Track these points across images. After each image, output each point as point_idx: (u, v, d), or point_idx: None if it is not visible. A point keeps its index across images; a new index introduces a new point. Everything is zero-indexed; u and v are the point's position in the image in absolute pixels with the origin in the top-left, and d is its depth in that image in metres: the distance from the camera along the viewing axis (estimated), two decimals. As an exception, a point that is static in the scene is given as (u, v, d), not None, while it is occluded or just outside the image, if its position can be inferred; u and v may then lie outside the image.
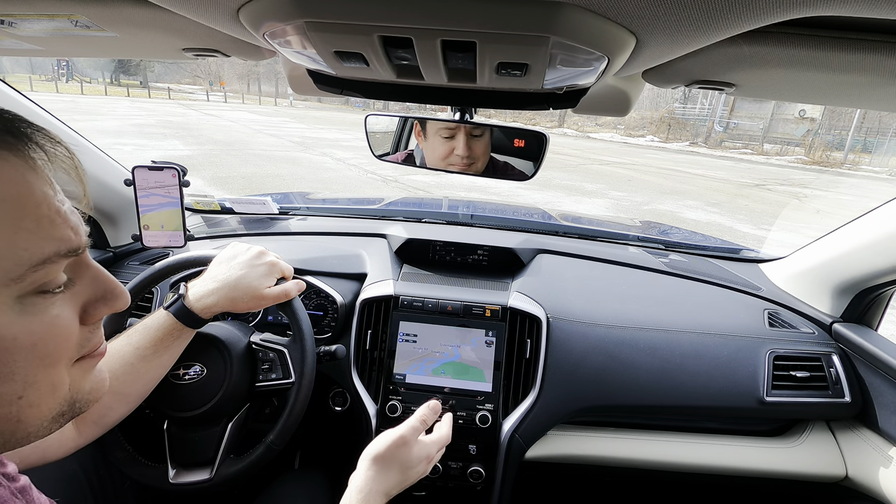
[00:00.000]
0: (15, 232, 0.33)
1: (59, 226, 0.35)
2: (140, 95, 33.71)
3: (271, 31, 0.42)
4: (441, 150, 0.85)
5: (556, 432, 1.05)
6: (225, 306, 0.79)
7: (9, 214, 0.33)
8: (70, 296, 0.38)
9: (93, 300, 0.40)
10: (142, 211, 1.13)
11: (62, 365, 0.38)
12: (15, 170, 0.34)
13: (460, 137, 0.83)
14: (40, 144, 0.36)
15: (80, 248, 0.37)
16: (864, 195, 11.26)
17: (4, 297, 0.33)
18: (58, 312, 0.37)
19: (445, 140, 0.84)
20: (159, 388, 0.78)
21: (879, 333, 1.10)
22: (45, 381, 0.36)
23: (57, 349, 0.37)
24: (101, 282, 0.41)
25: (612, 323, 1.08)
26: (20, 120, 0.36)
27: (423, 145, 0.89)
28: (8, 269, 0.33)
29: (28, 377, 0.35)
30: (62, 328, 0.37)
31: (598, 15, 0.35)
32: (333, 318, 1.08)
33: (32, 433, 0.37)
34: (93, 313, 0.40)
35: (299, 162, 10.08)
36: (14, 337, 0.34)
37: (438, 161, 0.87)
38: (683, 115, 27.23)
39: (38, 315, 0.35)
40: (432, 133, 0.87)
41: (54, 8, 0.51)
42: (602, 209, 7.80)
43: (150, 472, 0.81)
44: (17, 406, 0.35)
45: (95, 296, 0.40)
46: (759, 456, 1.07)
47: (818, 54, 0.46)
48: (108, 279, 0.42)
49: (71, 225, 0.37)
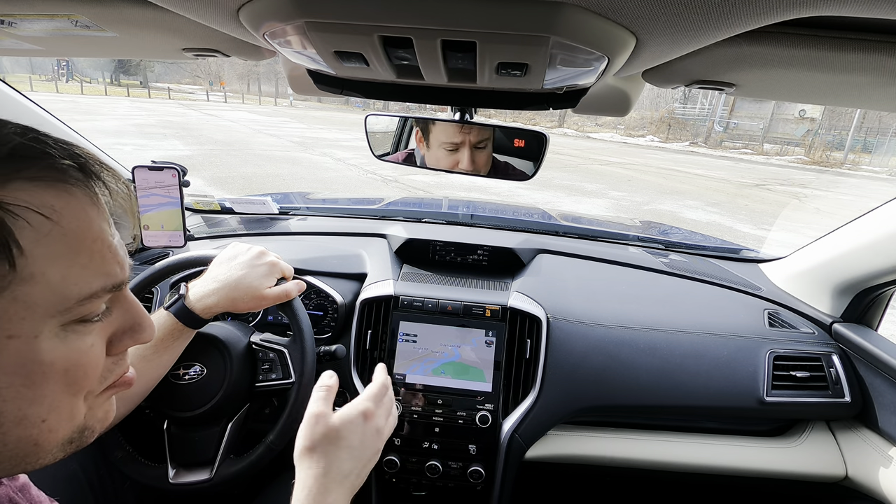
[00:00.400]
0: (69, 266, 0.34)
1: (108, 261, 0.37)
2: (140, 95, 33.72)
3: (271, 31, 0.42)
4: (445, 162, 0.84)
5: (556, 432, 1.05)
6: (225, 306, 0.79)
7: (67, 248, 0.34)
8: (104, 325, 0.39)
9: (120, 331, 0.41)
10: (142, 211, 1.13)
11: (83, 393, 0.38)
12: (80, 205, 0.35)
13: (464, 152, 0.81)
14: (105, 182, 0.38)
15: (124, 283, 0.39)
16: (864, 195, 11.26)
17: (51, 326, 0.34)
18: (92, 342, 0.37)
19: (449, 153, 0.83)
20: (159, 388, 0.78)
21: (879, 333, 1.10)
22: (67, 407, 0.37)
23: (85, 377, 0.37)
24: (132, 313, 0.42)
25: (612, 323, 1.08)
26: (93, 158, 0.37)
27: (426, 153, 0.88)
28: (57, 302, 0.34)
29: (54, 402, 0.36)
30: (94, 357, 0.38)
31: (598, 15, 0.35)
32: (333, 318, 1.08)
33: (42, 458, 0.37)
34: (118, 344, 0.41)
35: (299, 162, 10.08)
36: (52, 362, 0.34)
37: (445, 168, 0.86)
38: (683, 115, 27.23)
39: (76, 343, 0.36)
40: (436, 145, 0.85)
41: (54, 8, 0.51)
42: (602, 209, 7.80)
43: (150, 472, 0.81)
44: (38, 429, 0.35)
45: (124, 326, 0.41)
46: (759, 456, 1.07)
47: (818, 54, 0.46)
48: (138, 311, 0.42)
49: (118, 260, 0.38)
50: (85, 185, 0.36)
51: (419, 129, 0.88)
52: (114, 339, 0.40)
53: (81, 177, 0.36)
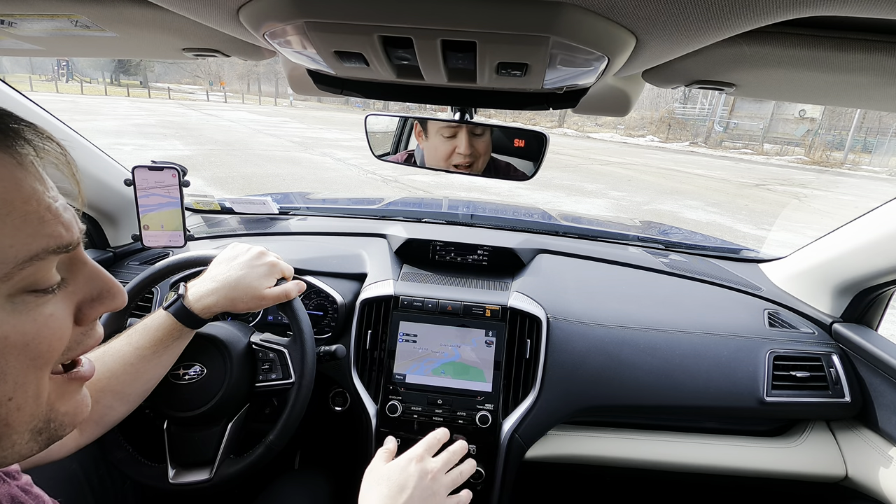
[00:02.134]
0: (0, 229, 0.32)
1: (48, 222, 0.35)
2: (140, 95, 33.71)
3: (271, 31, 0.42)
4: (443, 149, 0.85)
5: (556, 432, 1.05)
6: (225, 306, 0.79)
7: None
8: (65, 295, 0.38)
9: (88, 299, 0.39)
10: (142, 211, 1.13)
11: (49, 367, 0.37)
12: (2, 166, 0.33)
13: (462, 136, 0.82)
14: (29, 140, 0.36)
15: (72, 245, 0.36)
16: (864, 195, 11.26)
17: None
18: (51, 312, 0.36)
19: (447, 139, 0.84)
20: (159, 388, 0.78)
21: (879, 333, 1.10)
22: (33, 383, 0.36)
23: (49, 350, 0.36)
24: (98, 281, 0.40)
25: (612, 323, 1.08)
26: (8, 116, 0.35)
27: (424, 145, 0.89)
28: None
29: (18, 378, 0.34)
30: (55, 328, 0.36)
31: (598, 15, 0.35)
32: (333, 318, 1.08)
33: (16, 442, 0.36)
34: (88, 313, 0.39)
35: (299, 162, 10.08)
36: (5, 336, 0.33)
37: (441, 161, 0.86)
38: (683, 115, 27.23)
39: (31, 314, 0.34)
40: (433, 133, 0.86)
41: (54, 8, 0.51)
42: (602, 209, 7.80)
43: (150, 472, 0.81)
44: (6, 408, 0.34)
45: (91, 295, 0.39)
46: (759, 456, 1.07)
47: (818, 54, 0.46)
48: (104, 277, 0.40)
49: (62, 221, 0.36)
50: (5, 146, 0.34)
51: (417, 121, 0.89)
52: (83, 307, 0.39)
53: (1, 138, 0.34)
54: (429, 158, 0.89)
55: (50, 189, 0.36)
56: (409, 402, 0.99)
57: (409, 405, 0.99)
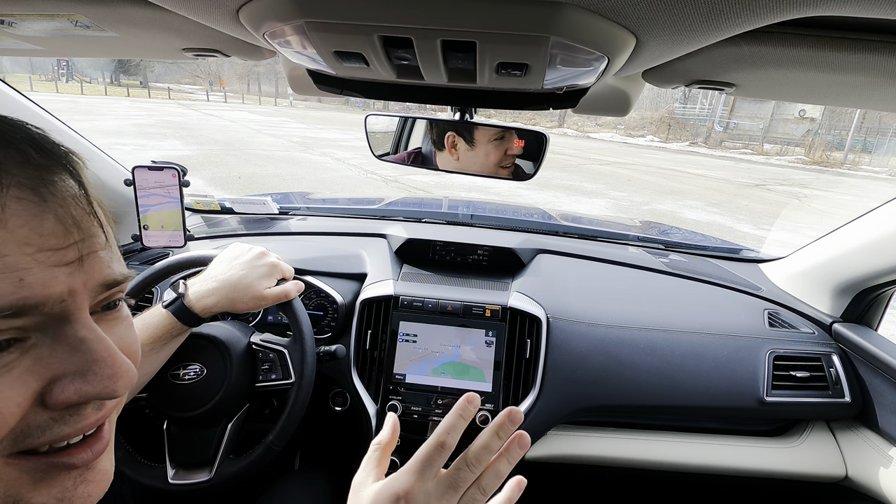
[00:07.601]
0: None
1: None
2: (140, 95, 33.73)
3: (271, 31, 0.42)
4: (496, 154, 0.83)
5: (556, 432, 1.05)
6: (225, 306, 0.79)
7: None
8: (29, 363, 0.28)
9: (62, 375, 0.29)
10: (142, 211, 1.13)
11: None
12: None
13: (510, 137, 0.81)
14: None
15: (40, 307, 0.28)
16: (864, 195, 11.26)
17: None
18: None
19: (499, 142, 0.82)
20: (159, 388, 0.78)
21: (879, 333, 1.10)
22: None
23: None
24: (86, 354, 0.30)
25: (612, 323, 1.08)
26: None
27: (470, 155, 0.85)
28: None
29: None
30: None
31: (598, 15, 0.35)
32: (333, 318, 1.08)
33: None
34: (60, 392, 0.29)
35: (299, 162, 10.08)
36: None
37: (492, 166, 0.84)
38: (683, 115, 27.24)
39: None
40: (483, 141, 0.84)
41: (54, 8, 0.51)
42: (602, 209, 7.80)
43: (150, 472, 0.81)
44: None
45: (68, 370, 0.29)
46: (759, 456, 1.07)
47: (818, 54, 0.46)
48: (96, 352, 0.30)
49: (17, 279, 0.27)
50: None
51: (452, 134, 0.84)
52: (53, 384, 0.29)
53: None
54: (479, 166, 0.86)
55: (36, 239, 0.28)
56: (409, 402, 0.99)
57: (409, 405, 0.99)
